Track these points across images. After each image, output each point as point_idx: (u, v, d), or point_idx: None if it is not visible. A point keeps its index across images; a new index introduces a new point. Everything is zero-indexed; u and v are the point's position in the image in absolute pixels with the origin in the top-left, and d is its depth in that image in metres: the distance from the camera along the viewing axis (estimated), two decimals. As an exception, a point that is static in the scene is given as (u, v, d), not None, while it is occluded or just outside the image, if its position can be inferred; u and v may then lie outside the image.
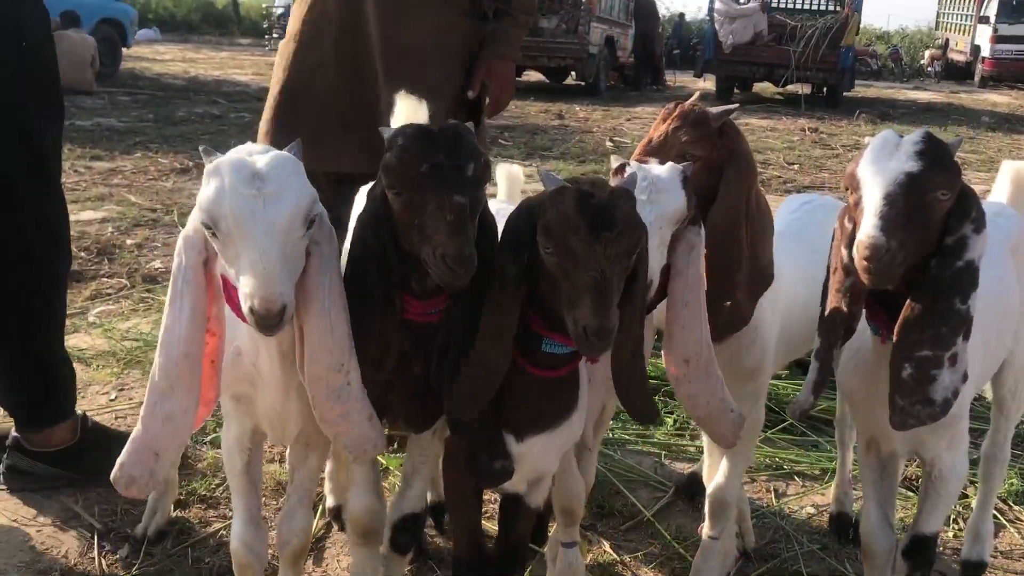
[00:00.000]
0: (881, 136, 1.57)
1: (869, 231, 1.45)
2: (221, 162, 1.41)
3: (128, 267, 4.44)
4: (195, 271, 1.47)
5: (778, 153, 9.23)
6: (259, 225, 1.36)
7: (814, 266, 2.14)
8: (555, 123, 11.28)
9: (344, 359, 1.54)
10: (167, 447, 1.56)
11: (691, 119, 1.87)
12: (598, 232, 1.37)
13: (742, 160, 1.87)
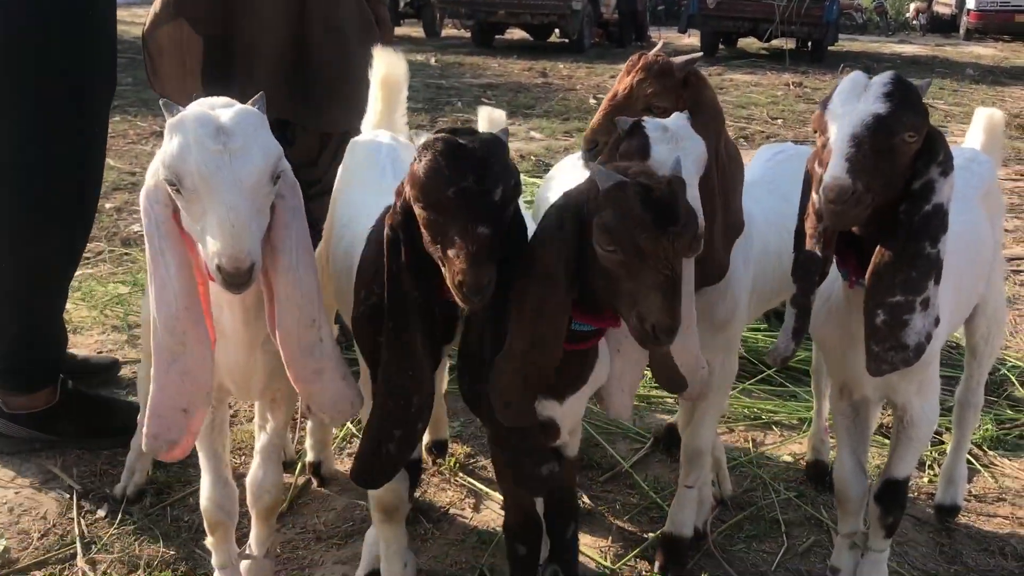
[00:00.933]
0: (850, 78, 1.56)
1: (835, 172, 1.45)
2: (184, 116, 1.38)
3: (107, 231, 4.40)
4: (168, 224, 1.44)
5: (762, 108, 9.19)
6: (226, 181, 1.34)
7: (787, 215, 2.13)
8: (538, 81, 11.19)
9: (315, 314, 1.53)
10: (194, 401, 1.51)
11: (655, 70, 1.86)
12: (664, 227, 1.33)
13: (708, 109, 1.85)
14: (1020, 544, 2.25)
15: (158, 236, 1.44)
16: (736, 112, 8.87)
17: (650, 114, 1.87)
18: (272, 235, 1.47)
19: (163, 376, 1.49)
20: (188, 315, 1.46)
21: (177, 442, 1.52)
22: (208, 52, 2.43)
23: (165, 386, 1.49)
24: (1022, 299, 3.98)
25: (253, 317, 1.55)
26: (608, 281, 1.38)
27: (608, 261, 1.36)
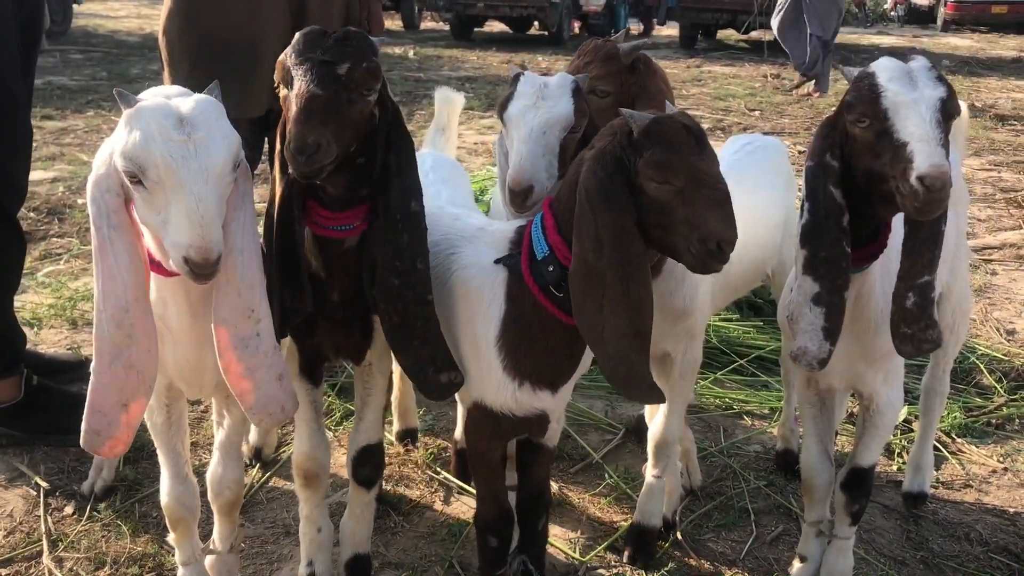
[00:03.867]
0: (891, 66, 1.52)
1: (936, 160, 1.40)
2: (143, 107, 1.36)
3: (79, 226, 4.36)
4: (119, 214, 1.42)
5: (739, 100, 9.20)
6: (193, 172, 1.33)
7: (753, 207, 2.15)
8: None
9: (254, 304, 1.50)
10: (135, 394, 1.49)
11: (601, 54, 1.88)
12: (706, 149, 1.43)
13: (654, 96, 1.87)
14: (986, 530, 2.27)
15: (108, 226, 1.42)
16: (714, 104, 8.89)
17: (595, 97, 1.89)
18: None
19: (105, 370, 1.46)
20: (138, 307, 1.45)
21: (114, 436, 1.51)
22: (211, 48, 2.43)
23: (107, 381, 1.47)
24: (993, 288, 4.01)
25: (200, 310, 1.53)
26: (662, 215, 1.42)
27: (663, 192, 1.41)
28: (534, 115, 1.63)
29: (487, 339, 1.62)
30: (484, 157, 6.18)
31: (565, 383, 1.67)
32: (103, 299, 1.44)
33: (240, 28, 2.43)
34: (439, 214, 1.80)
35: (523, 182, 1.60)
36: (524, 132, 1.64)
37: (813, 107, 8.86)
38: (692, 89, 10.01)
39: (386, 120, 1.56)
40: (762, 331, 3.26)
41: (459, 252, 1.70)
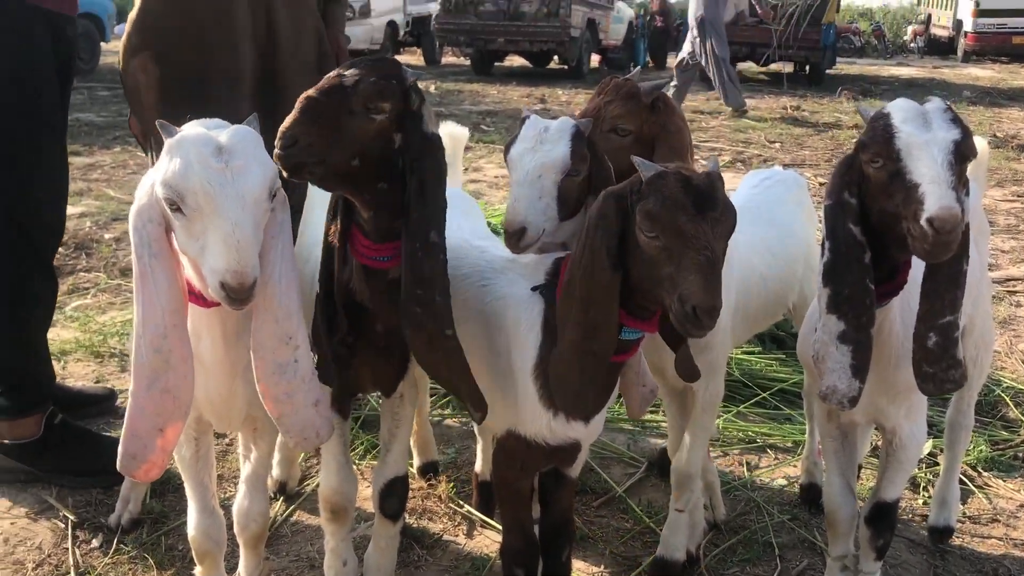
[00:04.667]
0: (906, 107, 1.54)
1: (947, 202, 1.40)
2: (183, 137, 1.42)
3: (106, 261, 4.44)
4: (160, 243, 1.46)
5: (759, 131, 9.24)
6: (230, 199, 1.37)
7: (772, 239, 2.16)
8: (537, 108, 11.27)
9: (292, 331, 1.53)
10: (171, 419, 1.52)
11: (622, 93, 1.91)
12: (704, 211, 1.40)
13: (673, 135, 1.90)
14: (1014, 565, 2.25)
15: (149, 255, 1.46)
16: (734, 136, 8.93)
17: (615, 135, 1.92)
18: (261, 245, 1.47)
19: (143, 395, 1.50)
20: (175, 332, 1.48)
21: (151, 460, 1.53)
22: (186, 86, 2.45)
23: (144, 406, 1.51)
24: (1018, 320, 3.99)
25: (233, 342, 1.57)
26: (650, 268, 1.44)
27: (650, 247, 1.43)
28: (531, 158, 1.67)
29: (523, 368, 1.64)
30: (504, 190, 6.23)
31: (598, 413, 1.68)
32: (142, 325, 1.47)
33: (216, 65, 2.43)
34: (465, 247, 1.83)
35: (516, 223, 1.64)
36: (520, 175, 1.67)
37: (834, 139, 8.88)
38: (712, 121, 10.06)
39: (415, 149, 1.58)
40: (784, 364, 3.26)
41: (491, 283, 1.73)
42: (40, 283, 2.42)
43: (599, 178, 1.70)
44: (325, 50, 2.66)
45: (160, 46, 2.41)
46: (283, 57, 2.54)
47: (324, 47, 2.66)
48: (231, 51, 2.44)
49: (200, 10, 2.39)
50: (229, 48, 2.44)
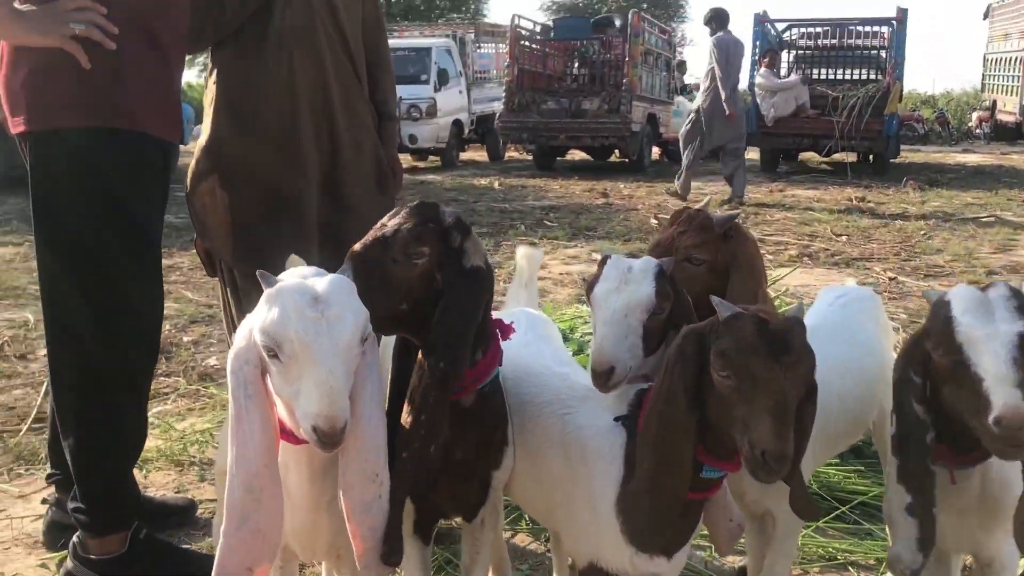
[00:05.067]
0: (966, 296, 1.54)
1: (1012, 402, 1.39)
2: (282, 287, 1.49)
3: (185, 365, 4.56)
4: (256, 385, 1.52)
5: (825, 224, 9.18)
6: (324, 347, 1.43)
7: (852, 359, 2.15)
8: (599, 202, 11.40)
9: (378, 468, 1.59)
10: (260, 559, 1.56)
11: (695, 224, 1.95)
12: (778, 356, 1.42)
13: (747, 265, 1.93)
14: None
15: (244, 396, 1.52)
16: (800, 229, 8.89)
17: (689, 265, 1.96)
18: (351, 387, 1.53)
19: (233, 534, 1.53)
20: (267, 472, 1.53)
21: None
22: (254, 207, 2.56)
23: (234, 545, 1.54)
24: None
25: (320, 478, 1.61)
26: (724, 408, 1.45)
27: (723, 387, 1.44)
28: (616, 298, 1.70)
29: (605, 501, 1.65)
30: (570, 288, 6.28)
31: (679, 549, 1.68)
32: (236, 464, 1.52)
33: (282, 187, 2.55)
34: (547, 373, 1.86)
35: (604, 364, 1.67)
36: (607, 314, 1.70)
37: (901, 231, 8.78)
38: (776, 214, 10.04)
39: (450, 280, 1.66)
40: (864, 475, 3.18)
41: (573, 413, 1.75)
42: (134, 416, 2.47)
43: (680, 314, 1.73)
44: (383, 166, 2.78)
45: (228, 170, 2.54)
46: (346, 177, 2.66)
47: (382, 163, 2.78)
48: (297, 174, 2.57)
49: (269, 136, 2.53)
50: (295, 171, 2.56)
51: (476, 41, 20.16)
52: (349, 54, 2.66)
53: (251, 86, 2.53)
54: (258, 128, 2.54)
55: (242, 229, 2.56)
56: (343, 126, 2.63)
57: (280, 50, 2.52)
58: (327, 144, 2.61)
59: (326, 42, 2.59)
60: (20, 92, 2.10)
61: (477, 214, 10.11)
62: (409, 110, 16.22)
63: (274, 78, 2.52)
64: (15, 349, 4.60)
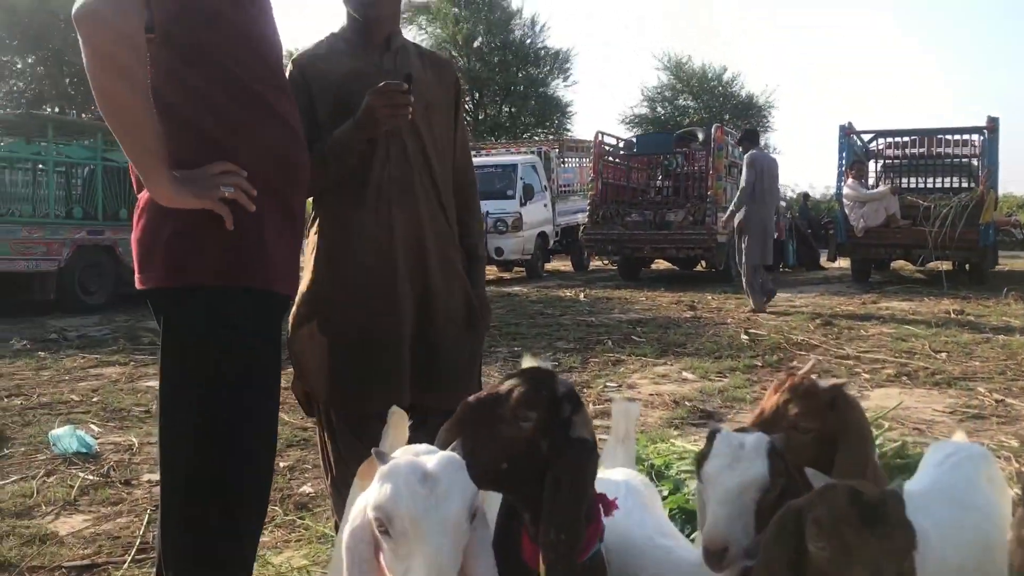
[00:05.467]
0: None
1: None
2: (394, 465, 1.55)
3: (281, 492, 4.61)
4: (370, 563, 1.57)
5: (923, 340, 8.92)
6: (432, 523, 1.47)
7: (966, 526, 2.07)
8: (687, 315, 11.33)
9: None
10: None
11: (801, 392, 1.94)
12: (871, 526, 1.43)
13: (855, 434, 1.91)
14: None
15: (359, 572, 1.57)
16: (896, 345, 8.65)
17: (796, 432, 1.94)
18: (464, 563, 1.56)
19: None
20: None
21: None
22: (345, 348, 2.64)
23: None
24: None
25: None
26: None
27: (819, 558, 1.45)
28: (730, 476, 1.70)
29: None
30: (661, 410, 6.19)
31: None
32: None
33: (378, 331, 2.63)
34: (649, 546, 1.85)
35: (718, 544, 1.66)
36: (720, 493, 1.70)
37: (1006, 347, 8.47)
38: (871, 328, 9.81)
39: (558, 450, 1.69)
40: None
41: None
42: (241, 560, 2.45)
43: (792, 490, 1.72)
44: (472, 306, 2.86)
45: (327, 316, 2.65)
46: (438, 319, 2.75)
47: (471, 304, 2.86)
48: (392, 320, 2.66)
49: (367, 285, 2.64)
50: (391, 318, 2.65)
51: (560, 156, 20.67)
52: (442, 203, 2.78)
53: (350, 237, 2.65)
54: (357, 277, 2.65)
55: (339, 373, 2.65)
56: (437, 273, 2.73)
57: (379, 203, 2.65)
58: (421, 291, 2.70)
59: (422, 194, 2.71)
60: (160, 250, 2.19)
61: (563, 328, 10.16)
62: (496, 224, 16.59)
63: (373, 230, 2.65)
64: (120, 474, 4.74)
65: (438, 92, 2.82)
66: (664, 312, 11.68)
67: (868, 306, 11.98)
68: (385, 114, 2.50)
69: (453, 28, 39.62)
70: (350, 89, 2.63)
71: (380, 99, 2.49)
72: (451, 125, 2.87)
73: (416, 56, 2.82)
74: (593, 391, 6.71)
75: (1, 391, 6.82)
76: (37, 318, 11.51)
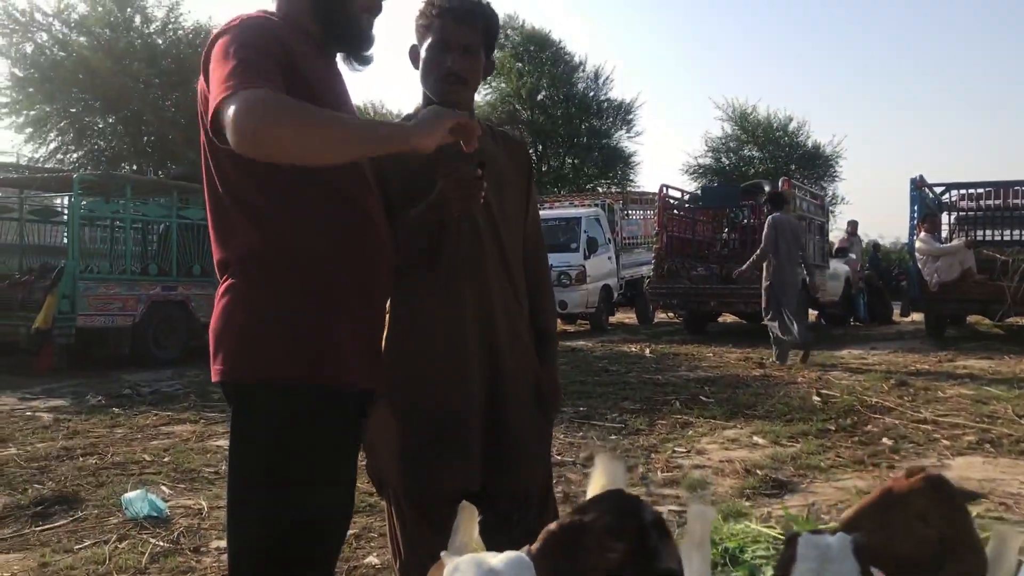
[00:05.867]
0: None
1: None
2: (461, 562, 1.54)
3: (347, 563, 4.59)
4: None
5: (1005, 403, 8.57)
6: None
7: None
8: (756, 373, 11.11)
9: None
10: None
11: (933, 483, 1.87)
12: None
13: (973, 545, 1.81)
14: None
15: None
16: (976, 408, 8.33)
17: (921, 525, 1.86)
18: None
19: None
20: None
21: None
22: (416, 427, 2.62)
23: None
24: None
25: None
26: None
27: None
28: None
29: None
30: (732, 479, 6.03)
31: None
32: None
33: (448, 409, 2.60)
34: None
35: None
36: None
37: (1098, 412, 8.10)
38: (948, 389, 9.49)
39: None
40: None
41: None
42: None
43: None
44: (542, 387, 2.84)
45: (397, 395, 2.63)
46: (507, 403, 2.72)
47: (541, 385, 2.84)
48: (462, 401, 2.64)
49: (437, 364, 2.64)
50: (460, 398, 2.64)
51: (624, 208, 20.66)
52: (512, 281, 2.77)
53: (420, 315, 2.65)
54: (427, 356, 2.64)
55: (409, 456, 2.63)
56: (506, 353, 2.71)
57: (450, 281, 2.64)
58: (490, 371, 2.68)
59: (493, 271, 2.70)
60: (230, 341, 2.18)
61: (629, 386, 10.04)
62: (560, 277, 16.60)
63: (443, 309, 2.64)
64: (190, 541, 4.77)
65: (511, 170, 2.83)
66: (732, 370, 11.48)
67: (944, 364, 11.61)
68: (458, 200, 2.50)
69: (517, 82, 40.16)
70: (424, 170, 2.65)
71: (453, 185, 2.50)
72: (523, 203, 2.88)
73: (490, 135, 2.84)
74: (662, 456, 6.59)
75: (76, 449, 6.97)
76: (112, 371, 11.80)
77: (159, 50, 26.64)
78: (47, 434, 7.62)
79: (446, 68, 2.65)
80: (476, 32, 2.70)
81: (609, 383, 10.30)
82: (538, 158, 42.12)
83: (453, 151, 2.39)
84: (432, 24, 2.67)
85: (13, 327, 11.57)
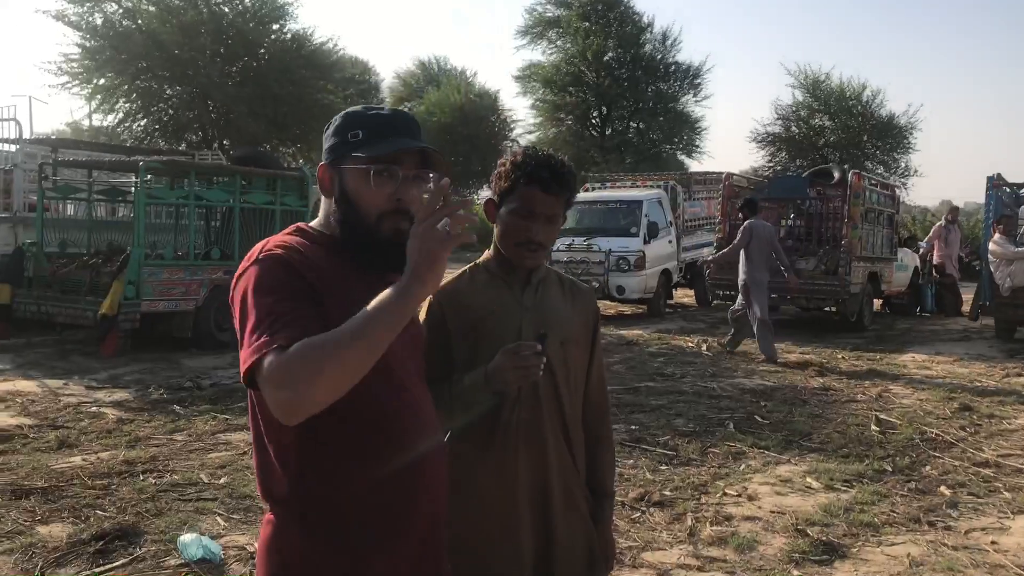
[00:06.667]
0: None
1: None
2: None
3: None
4: None
5: (1074, 440, 8.30)
6: None
7: None
8: (815, 385, 10.88)
9: None
10: None
11: None
12: None
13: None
14: None
15: None
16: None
17: None
18: None
19: None
20: None
21: None
22: (471, 558, 2.63)
23: None
24: None
25: None
26: None
27: None
28: None
29: None
30: (782, 536, 5.88)
31: None
32: None
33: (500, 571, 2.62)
34: None
35: None
36: None
37: None
38: (1016, 417, 9.18)
39: None
40: None
41: None
42: None
43: None
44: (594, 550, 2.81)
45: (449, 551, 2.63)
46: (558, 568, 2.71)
47: (593, 547, 2.82)
48: (513, 562, 2.65)
49: (489, 524, 2.64)
50: (511, 558, 2.65)
51: (688, 190, 20.33)
52: (569, 441, 2.75)
53: (474, 481, 2.63)
54: (480, 516, 2.64)
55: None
56: (560, 520, 2.70)
57: (506, 446, 2.64)
58: (542, 532, 2.68)
59: (551, 435, 2.68)
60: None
61: (682, 398, 9.94)
62: (618, 262, 16.47)
63: (498, 471, 2.64)
64: (241, 595, 4.89)
65: (576, 325, 2.79)
66: (790, 378, 11.27)
67: (1012, 379, 11.26)
68: (516, 375, 2.48)
69: (583, 42, 39.50)
70: (487, 327, 2.63)
71: (511, 361, 2.47)
72: (587, 358, 2.84)
73: (556, 285, 2.80)
74: (711, 502, 6.50)
75: (138, 464, 7.15)
76: (173, 355, 12.09)
77: (225, 21, 26.76)
78: (111, 440, 7.84)
79: (528, 237, 2.61)
80: (561, 202, 2.65)
81: (662, 392, 10.21)
82: (602, 121, 41.55)
83: None
84: (517, 188, 2.61)
85: (81, 311, 11.89)
